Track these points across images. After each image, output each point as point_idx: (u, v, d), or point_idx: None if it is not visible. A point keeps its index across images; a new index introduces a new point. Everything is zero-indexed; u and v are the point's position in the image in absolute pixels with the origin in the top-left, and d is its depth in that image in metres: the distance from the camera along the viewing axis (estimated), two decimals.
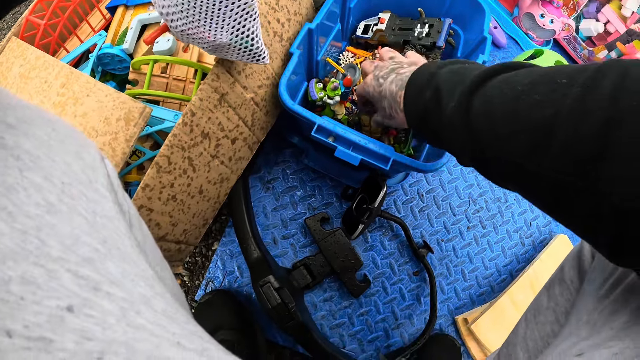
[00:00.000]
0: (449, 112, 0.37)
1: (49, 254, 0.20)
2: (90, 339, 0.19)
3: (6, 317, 0.18)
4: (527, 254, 0.88)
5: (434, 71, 0.42)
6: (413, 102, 0.44)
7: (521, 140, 0.30)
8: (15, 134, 0.23)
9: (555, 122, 0.28)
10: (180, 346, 0.22)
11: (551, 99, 0.29)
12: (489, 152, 0.34)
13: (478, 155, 0.36)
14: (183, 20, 0.43)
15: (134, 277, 0.24)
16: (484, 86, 0.35)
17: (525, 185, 0.33)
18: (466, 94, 0.36)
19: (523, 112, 0.30)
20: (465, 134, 0.36)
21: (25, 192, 0.22)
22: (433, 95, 0.40)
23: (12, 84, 0.63)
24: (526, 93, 0.31)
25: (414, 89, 0.44)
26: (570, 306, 0.47)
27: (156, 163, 0.51)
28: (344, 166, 0.78)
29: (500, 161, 0.33)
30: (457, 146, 0.38)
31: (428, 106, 0.41)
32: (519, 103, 0.31)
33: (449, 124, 0.38)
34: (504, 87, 0.33)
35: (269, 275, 0.60)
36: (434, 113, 0.40)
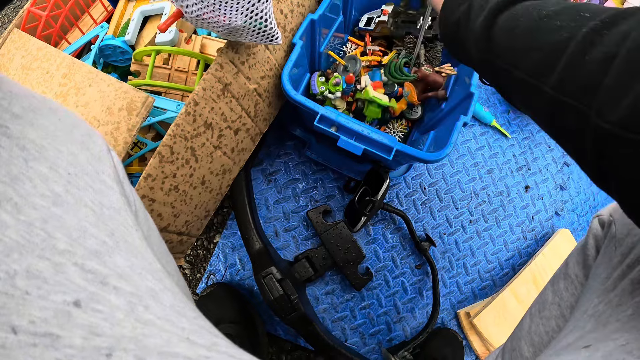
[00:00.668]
0: (477, 25, 0.39)
1: (55, 246, 0.20)
2: (98, 334, 0.19)
3: (11, 313, 0.17)
4: (529, 248, 0.88)
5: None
6: (448, 12, 0.45)
7: (532, 57, 0.32)
8: (20, 123, 0.23)
9: (567, 46, 0.29)
10: (189, 341, 0.21)
11: (570, 27, 0.30)
12: (502, 63, 0.36)
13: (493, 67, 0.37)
14: (198, 5, 0.43)
15: (142, 271, 0.23)
16: (514, 6, 0.37)
17: (529, 103, 0.35)
18: (495, 9, 0.38)
19: (542, 33, 0.32)
20: (486, 44, 0.38)
21: (31, 182, 0.21)
22: (467, 9, 0.42)
23: (14, 75, 0.62)
24: (550, 17, 0.33)
25: (451, 1, 0.45)
26: (575, 301, 0.47)
27: (159, 153, 0.51)
28: (347, 158, 0.77)
29: (511, 76, 0.35)
30: (478, 58, 0.40)
31: (461, 17, 0.42)
32: (540, 25, 0.33)
33: (474, 35, 0.39)
34: (532, 10, 0.35)
35: (271, 266, 0.59)
36: (464, 25, 0.42)
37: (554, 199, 0.91)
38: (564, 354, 0.33)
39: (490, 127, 0.91)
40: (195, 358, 0.20)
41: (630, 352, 0.28)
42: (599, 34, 0.28)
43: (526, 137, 0.93)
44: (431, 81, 0.72)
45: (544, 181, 0.91)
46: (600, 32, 0.28)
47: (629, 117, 0.24)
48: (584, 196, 0.93)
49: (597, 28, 0.29)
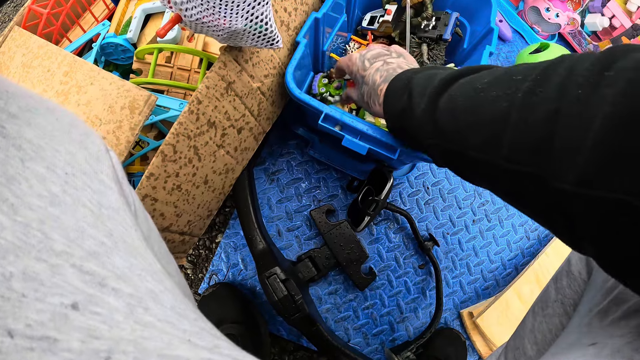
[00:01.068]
0: (419, 113, 0.40)
1: (52, 248, 0.20)
2: (97, 337, 0.18)
3: (7, 316, 0.17)
4: (532, 248, 0.87)
5: (411, 76, 0.45)
6: (392, 106, 0.47)
7: (479, 134, 0.32)
8: (17, 123, 0.23)
9: (509, 115, 0.29)
10: (190, 344, 0.21)
11: (506, 94, 0.31)
12: (452, 146, 0.36)
13: (444, 151, 0.38)
14: (198, 9, 0.42)
15: (141, 272, 0.23)
16: (451, 87, 0.38)
17: (487, 179, 0.34)
18: (434, 94, 0.38)
19: (481, 107, 0.32)
20: (433, 130, 0.38)
21: (27, 183, 0.21)
22: (407, 98, 0.43)
23: (15, 73, 0.62)
24: (485, 90, 0.33)
25: (393, 93, 0.47)
26: (579, 298, 0.47)
27: (161, 152, 0.51)
28: (350, 157, 0.77)
29: (462, 156, 0.35)
30: (426, 143, 0.41)
31: (404, 108, 0.44)
32: (478, 99, 0.33)
33: (419, 124, 0.41)
34: (467, 86, 0.35)
35: (275, 266, 0.59)
36: (408, 114, 0.43)
37: None
38: (571, 352, 0.33)
39: None
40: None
41: (637, 350, 0.28)
42: (534, 93, 0.28)
43: None
44: None
45: None
46: (535, 91, 0.28)
47: (587, 174, 0.24)
48: None
49: (531, 89, 0.29)
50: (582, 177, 0.24)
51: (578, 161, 0.24)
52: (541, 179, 0.27)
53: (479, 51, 0.70)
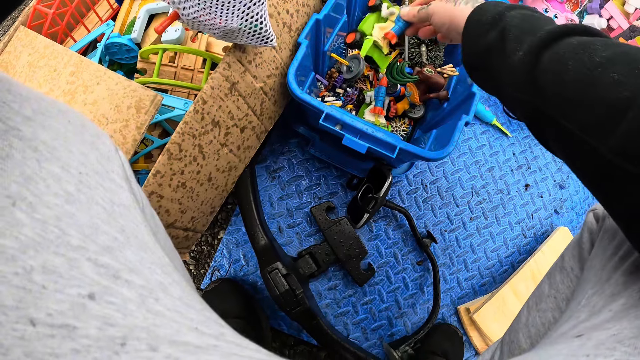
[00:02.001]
0: (516, 61, 0.36)
1: (69, 243, 0.21)
2: (112, 325, 0.20)
3: (29, 306, 0.18)
4: (528, 246, 0.89)
5: (502, 11, 0.40)
6: (474, 38, 0.42)
7: (590, 112, 0.30)
8: (32, 125, 0.24)
9: (630, 107, 0.27)
10: (198, 331, 0.22)
11: (630, 83, 0.28)
12: (551, 111, 0.33)
13: (536, 113, 0.35)
14: (195, 7, 0.44)
15: (152, 265, 0.24)
16: (558, 43, 0.34)
17: (575, 156, 0.33)
18: (537, 46, 0.35)
19: (599, 86, 0.30)
20: (529, 85, 0.35)
21: (44, 182, 0.22)
22: (499, 37, 0.38)
23: (21, 72, 0.63)
24: (604, 67, 0.30)
25: (477, 25, 0.42)
26: (571, 293, 0.48)
27: (167, 150, 0.52)
28: (350, 156, 0.78)
29: (559, 126, 0.33)
30: (514, 95, 0.37)
31: (492, 47, 0.39)
32: (594, 75, 0.30)
33: (511, 72, 0.37)
34: (581, 53, 0.32)
35: (277, 261, 0.60)
36: (497, 56, 0.39)
37: (553, 198, 0.92)
38: (557, 343, 0.34)
39: (491, 125, 0.92)
40: (205, 347, 0.22)
41: (622, 341, 0.29)
42: None
43: (526, 136, 0.94)
44: (433, 82, 0.73)
45: (543, 179, 0.92)
46: None
47: None
48: (583, 195, 0.95)
49: None
50: None
51: None
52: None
53: None
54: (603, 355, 0.28)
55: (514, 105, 0.39)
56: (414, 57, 0.77)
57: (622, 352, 0.28)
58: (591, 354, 0.28)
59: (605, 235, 0.42)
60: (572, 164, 0.34)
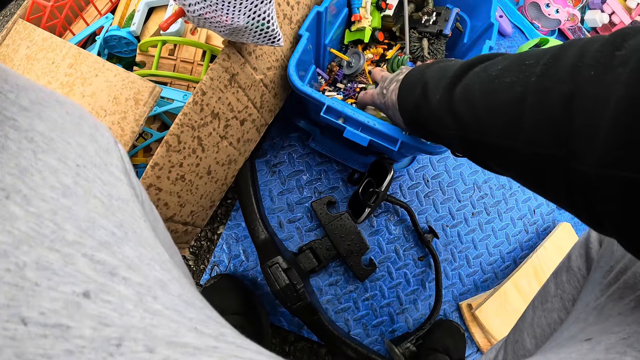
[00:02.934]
0: (435, 105, 0.40)
1: (64, 238, 0.20)
2: (108, 325, 0.19)
3: (21, 304, 0.17)
4: (530, 242, 0.88)
5: (423, 70, 0.45)
6: (405, 101, 0.47)
7: (497, 120, 0.32)
8: (28, 116, 0.23)
9: (525, 99, 0.30)
10: (197, 331, 0.21)
11: (520, 79, 0.31)
12: (471, 134, 0.36)
13: (464, 140, 0.38)
14: (201, 4, 0.43)
15: (150, 261, 0.24)
16: (465, 76, 0.38)
17: (507, 165, 0.34)
18: (449, 84, 0.39)
19: (497, 93, 0.33)
20: (451, 120, 0.38)
21: (40, 174, 0.21)
22: (421, 91, 0.43)
23: (19, 65, 0.62)
24: (500, 76, 0.33)
25: (406, 89, 0.47)
26: (578, 293, 0.47)
27: (166, 142, 0.51)
28: (351, 150, 0.78)
29: (482, 144, 0.35)
30: (445, 134, 0.41)
31: (418, 102, 0.44)
32: (493, 85, 0.33)
33: (436, 117, 0.40)
34: (482, 74, 0.35)
35: (277, 256, 0.60)
36: (423, 107, 0.43)
37: None
38: (566, 347, 0.33)
39: None
40: (204, 348, 0.20)
41: (632, 345, 0.28)
42: (547, 76, 0.28)
43: None
44: None
45: None
46: (548, 74, 0.28)
47: (607, 155, 0.24)
48: None
49: (543, 72, 0.29)
50: (602, 158, 0.24)
51: (597, 142, 0.24)
52: (561, 160, 0.27)
53: (479, 46, 0.70)
54: (613, 358, 0.27)
55: (450, 144, 0.42)
56: (416, 51, 0.77)
57: (633, 357, 0.27)
58: (601, 358, 0.28)
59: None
60: (516, 176, 0.35)
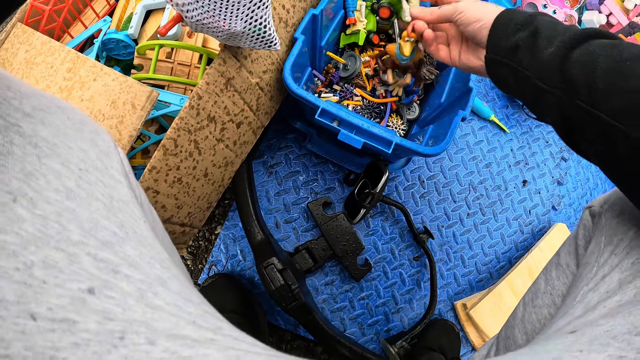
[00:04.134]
0: (547, 55, 0.38)
1: (69, 238, 0.21)
2: (111, 319, 0.20)
3: (30, 301, 0.18)
4: (525, 242, 0.89)
5: (534, 15, 0.42)
6: (504, 35, 0.43)
7: (619, 100, 0.32)
8: (32, 122, 0.24)
9: None
10: (196, 325, 0.23)
11: None
12: (580, 101, 0.35)
13: (565, 104, 0.36)
14: (199, 10, 0.44)
15: (151, 260, 0.25)
16: (587, 43, 0.36)
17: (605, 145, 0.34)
18: (568, 43, 0.37)
19: (628, 76, 0.31)
20: (559, 78, 0.36)
21: (45, 178, 0.22)
22: (530, 35, 0.40)
23: (18, 69, 0.63)
24: (632, 61, 0.32)
25: (508, 23, 0.43)
26: (567, 289, 0.48)
27: (163, 145, 0.52)
28: (347, 151, 0.78)
29: (589, 115, 0.34)
30: (542, 89, 0.38)
31: (523, 44, 0.41)
32: (623, 68, 0.32)
33: (541, 66, 0.38)
34: (610, 49, 0.34)
35: (273, 256, 0.61)
36: (527, 52, 0.40)
37: (551, 194, 0.92)
38: (552, 339, 0.34)
39: (489, 121, 0.92)
40: (202, 340, 0.22)
41: (615, 337, 0.29)
42: None
43: (524, 132, 0.94)
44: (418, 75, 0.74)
45: (541, 176, 0.92)
46: None
47: None
48: (581, 191, 0.95)
49: None
50: None
51: None
52: None
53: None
54: (596, 350, 0.28)
55: (539, 101, 0.40)
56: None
57: (616, 348, 0.28)
58: (585, 350, 0.28)
59: (601, 232, 0.42)
60: (602, 155, 0.35)
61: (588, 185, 0.96)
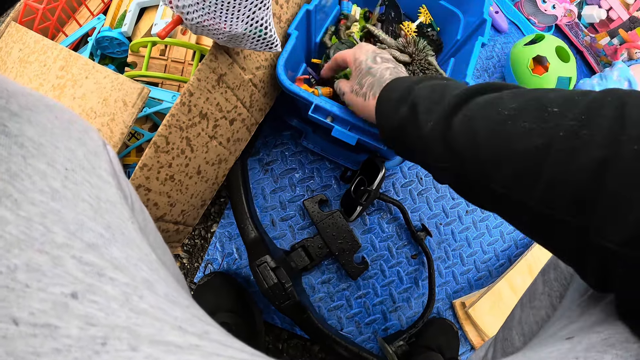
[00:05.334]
0: (427, 132, 0.37)
1: (53, 240, 0.21)
2: (94, 324, 0.20)
3: (12, 305, 0.18)
4: (525, 239, 0.88)
5: (411, 85, 0.41)
6: (386, 116, 0.43)
7: (507, 169, 0.30)
8: (18, 121, 0.24)
9: (547, 154, 0.27)
10: (181, 330, 0.22)
11: (541, 128, 0.28)
12: (470, 176, 0.33)
13: (458, 178, 0.35)
14: (199, 12, 0.43)
15: (137, 262, 0.24)
16: (466, 106, 0.34)
17: (507, 212, 0.32)
18: (446, 113, 0.35)
19: (510, 140, 0.30)
20: (445, 153, 0.35)
21: (30, 179, 0.22)
22: (410, 112, 0.39)
23: (12, 68, 0.63)
24: (513, 118, 0.30)
25: (388, 104, 0.43)
26: (565, 291, 0.47)
27: (154, 143, 0.52)
28: (343, 148, 0.78)
29: (483, 188, 0.33)
30: (434, 165, 0.38)
31: (403, 123, 0.40)
32: (504, 128, 0.30)
33: (426, 143, 0.37)
34: (488, 108, 0.32)
35: (266, 255, 0.60)
36: (410, 131, 0.39)
37: None
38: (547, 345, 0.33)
39: None
40: (186, 347, 0.21)
41: (613, 345, 0.28)
42: (579, 136, 0.26)
43: None
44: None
45: None
46: (580, 133, 0.26)
47: (635, 237, 0.23)
48: None
49: (575, 130, 0.26)
50: (628, 239, 0.23)
51: (627, 221, 0.23)
52: (578, 230, 0.26)
53: (472, 42, 0.70)
54: (593, 358, 0.27)
55: (438, 174, 0.39)
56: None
57: (614, 355, 0.27)
58: (581, 357, 0.28)
59: None
60: (514, 223, 0.33)
61: None
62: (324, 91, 0.69)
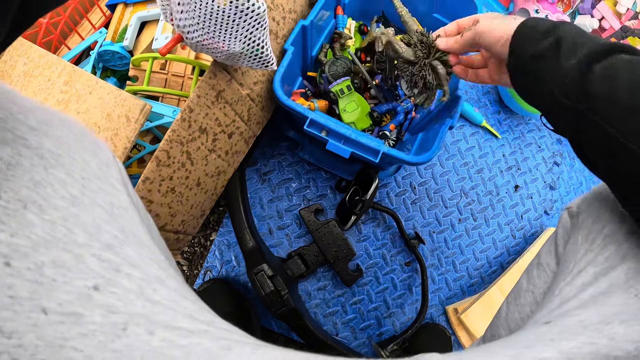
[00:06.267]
0: (568, 67, 0.37)
1: (75, 240, 0.24)
2: (114, 312, 0.23)
3: (42, 297, 0.21)
4: (517, 246, 0.90)
5: (556, 24, 0.42)
6: (527, 43, 0.42)
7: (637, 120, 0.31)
8: (37, 134, 0.26)
9: None
10: (192, 317, 0.25)
11: None
12: (597, 117, 0.34)
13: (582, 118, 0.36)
14: (199, 32, 0.45)
15: (149, 261, 0.27)
16: (610, 57, 0.35)
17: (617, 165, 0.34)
18: (591, 56, 0.36)
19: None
20: (579, 91, 0.36)
21: (52, 187, 0.25)
22: (554, 45, 0.40)
23: (17, 82, 0.65)
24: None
25: (531, 32, 0.42)
26: (547, 287, 0.50)
27: (156, 157, 0.54)
28: (338, 159, 0.80)
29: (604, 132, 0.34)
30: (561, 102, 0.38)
31: (545, 53, 0.40)
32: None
33: (563, 78, 0.38)
34: (633, 65, 0.33)
35: (263, 263, 0.62)
36: (549, 62, 0.40)
37: (543, 199, 0.93)
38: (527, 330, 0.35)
39: (481, 127, 0.93)
40: (196, 331, 0.24)
41: (587, 327, 0.31)
42: None
43: (516, 137, 0.95)
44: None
45: (533, 181, 0.93)
46: None
47: None
48: (574, 195, 0.96)
49: None
50: None
51: None
52: None
53: None
54: (567, 339, 0.30)
55: (557, 113, 0.40)
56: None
57: (587, 336, 0.30)
58: (556, 339, 0.30)
59: (578, 231, 0.44)
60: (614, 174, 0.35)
61: (581, 189, 0.97)
62: (320, 104, 0.72)
